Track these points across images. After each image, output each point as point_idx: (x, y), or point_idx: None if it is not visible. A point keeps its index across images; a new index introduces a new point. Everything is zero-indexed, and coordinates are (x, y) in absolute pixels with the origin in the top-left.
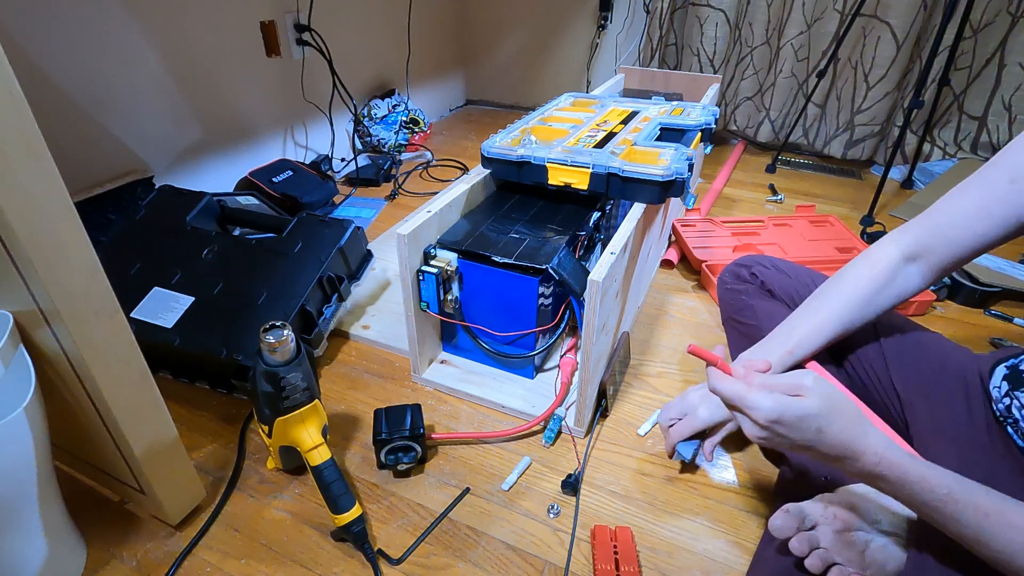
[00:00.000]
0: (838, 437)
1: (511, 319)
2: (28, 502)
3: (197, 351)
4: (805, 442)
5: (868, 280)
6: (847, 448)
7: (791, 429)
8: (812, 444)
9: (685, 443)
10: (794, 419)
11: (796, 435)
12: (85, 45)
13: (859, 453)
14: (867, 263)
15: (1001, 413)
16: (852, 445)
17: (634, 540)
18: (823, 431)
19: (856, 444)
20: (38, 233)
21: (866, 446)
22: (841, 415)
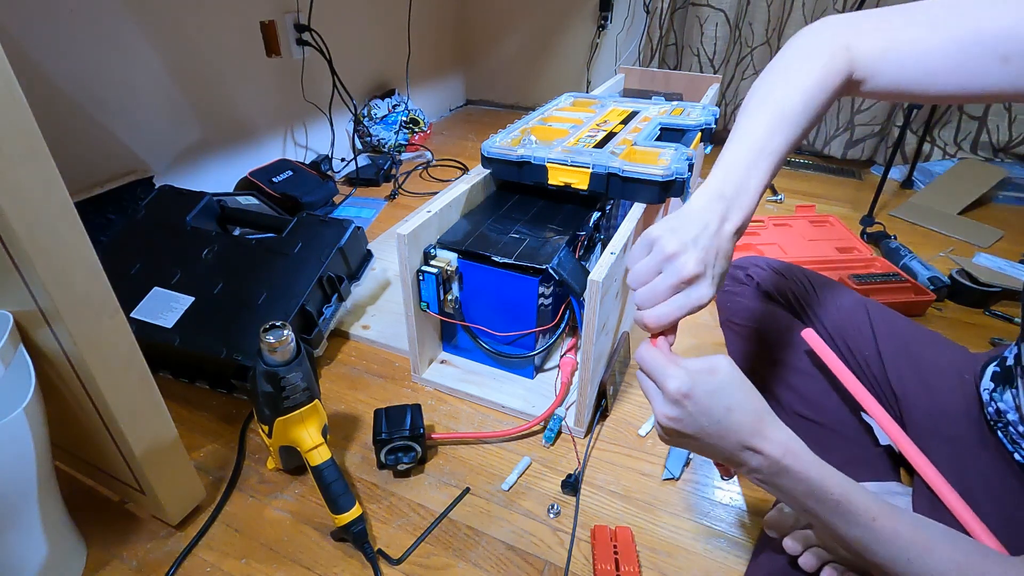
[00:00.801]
0: (746, 419)
1: (511, 319)
2: (28, 502)
3: (197, 351)
4: (712, 423)
5: (814, 90)
6: (754, 433)
7: (700, 406)
8: (719, 425)
9: (674, 459)
10: (704, 394)
11: (704, 414)
12: (85, 45)
13: (765, 440)
14: (817, 69)
15: (991, 416)
16: (760, 429)
17: (634, 540)
18: (732, 410)
19: (764, 429)
20: (38, 233)
21: (773, 434)
22: (751, 399)
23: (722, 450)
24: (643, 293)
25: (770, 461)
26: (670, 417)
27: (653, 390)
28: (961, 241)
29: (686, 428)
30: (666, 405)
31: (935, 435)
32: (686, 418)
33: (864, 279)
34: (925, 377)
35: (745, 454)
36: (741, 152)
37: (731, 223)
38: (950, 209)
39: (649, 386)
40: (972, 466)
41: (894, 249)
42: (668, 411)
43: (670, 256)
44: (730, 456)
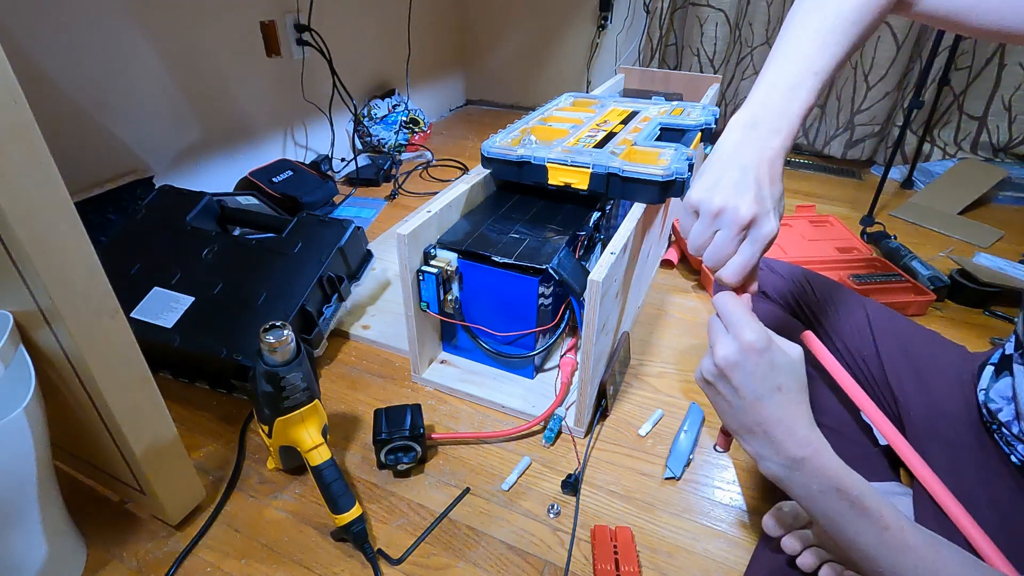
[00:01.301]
0: (788, 408)
1: (511, 319)
2: (28, 502)
3: (197, 351)
4: (756, 391)
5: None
6: (789, 419)
7: (759, 369)
8: (761, 398)
9: (675, 458)
10: (769, 362)
11: (757, 379)
12: (85, 45)
13: (796, 428)
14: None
15: (987, 419)
16: (793, 425)
17: (634, 540)
18: (780, 391)
19: (799, 417)
20: (38, 233)
21: (804, 423)
22: (802, 397)
23: (746, 421)
24: (709, 255)
25: (791, 451)
26: (728, 363)
27: (722, 333)
28: (961, 241)
29: (733, 379)
30: (730, 350)
31: (933, 436)
32: (739, 373)
33: (864, 279)
34: (924, 377)
35: (768, 436)
36: (783, 72)
37: (771, 148)
38: (950, 209)
39: (719, 328)
40: (970, 468)
41: (894, 249)
42: (729, 357)
43: (718, 213)
44: (749, 429)
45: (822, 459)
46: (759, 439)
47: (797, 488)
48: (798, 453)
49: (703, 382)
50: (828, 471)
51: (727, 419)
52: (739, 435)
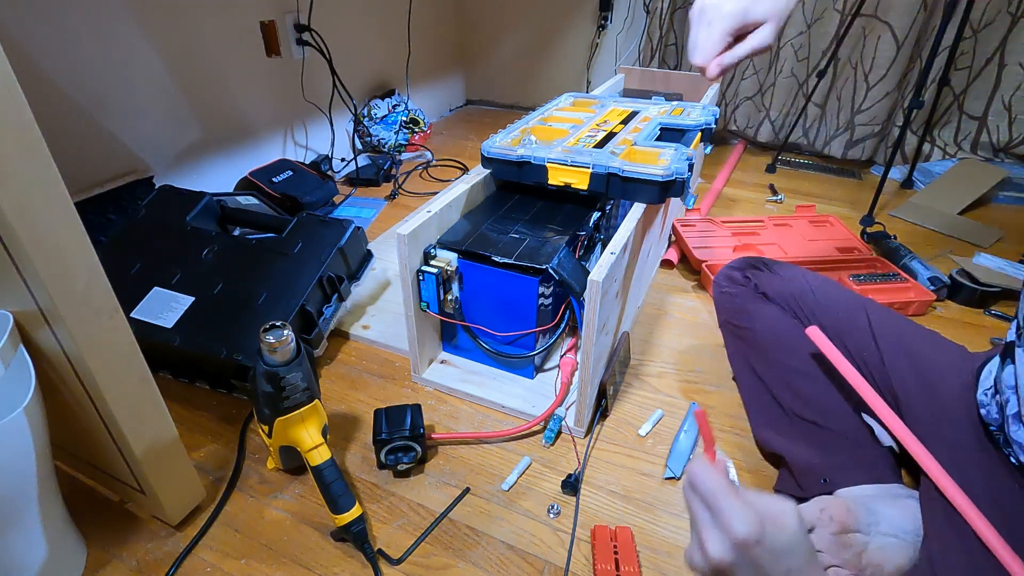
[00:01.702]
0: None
1: (511, 319)
2: (28, 502)
3: (197, 351)
4: None
5: None
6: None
7: (763, 561)
8: None
9: (675, 458)
10: (771, 550)
11: (763, 571)
12: (85, 45)
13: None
14: None
15: (985, 420)
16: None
17: (634, 540)
18: (791, 572)
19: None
20: (38, 233)
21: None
22: (808, 557)
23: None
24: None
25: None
26: (724, 563)
27: (708, 525)
28: (961, 241)
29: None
30: (722, 550)
31: (934, 436)
32: (742, 567)
33: (864, 279)
34: (925, 378)
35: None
36: None
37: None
38: (950, 209)
39: (703, 517)
40: (971, 468)
41: (894, 249)
42: (724, 558)
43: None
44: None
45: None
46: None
47: None
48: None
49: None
50: None
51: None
52: None
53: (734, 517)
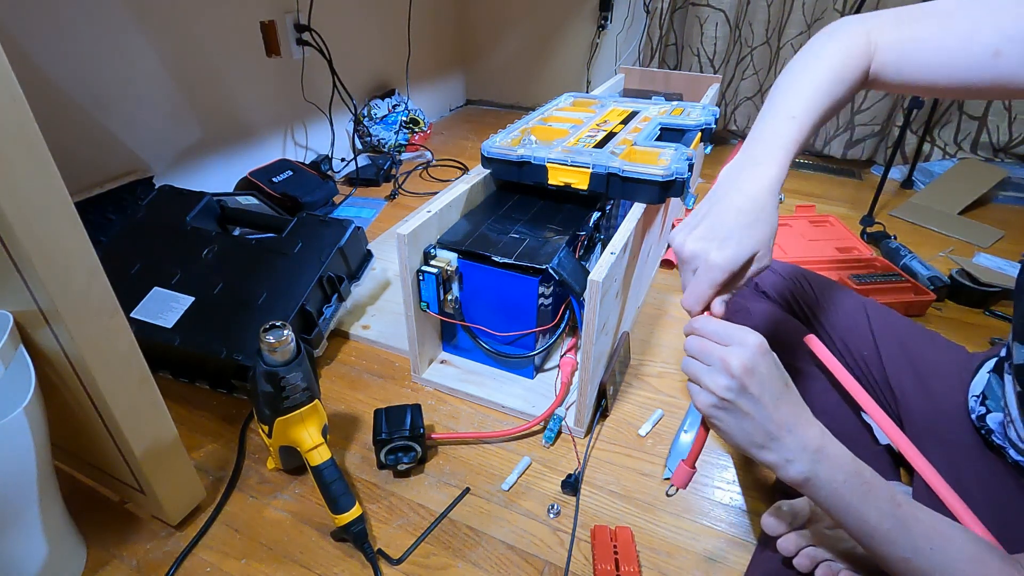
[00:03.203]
0: (796, 396)
1: (511, 319)
2: (28, 502)
3: (197, 351)
4: (771, 397)
5: (842, 68)
6: (801, 409)
7: (771, 370)
8: (778, 399)
9: (675, 459)
10: (774, 360)
11: (772, 381)
12: (85, 45)
13: (809, 418)
14: (842, 50)
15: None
16: (803, 406)
17: (634, 540)
18: (788, 385)
19: (806, 407)
20: (38, 233)
21: (810, 413)
22: (791, 391)
23: (770, 428)
24: (685, 289)
25: (809, 442)
26: (747, 369)
27: (722, 349)
28: (961, 241)
29: (751, 387)
30: (746, 356)
31: (932, 436)
32: (756, 378)
33: (864, 279)
34: (923, 378)
35: (791, 435)
36: (768, 124)
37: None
38: (950, 209)
39: (712, 349)
40: (968, 467)
41: (894, 249)
42: (747, 363)
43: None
44: (772, 436)
45: (836, 445)
46: (782, 442)
47: (823, 484)
48: (818, 441)
49: (718, 407)
50: (844, 457)
51: (750, 436)
52: (761, 448)
53: (747, 332)
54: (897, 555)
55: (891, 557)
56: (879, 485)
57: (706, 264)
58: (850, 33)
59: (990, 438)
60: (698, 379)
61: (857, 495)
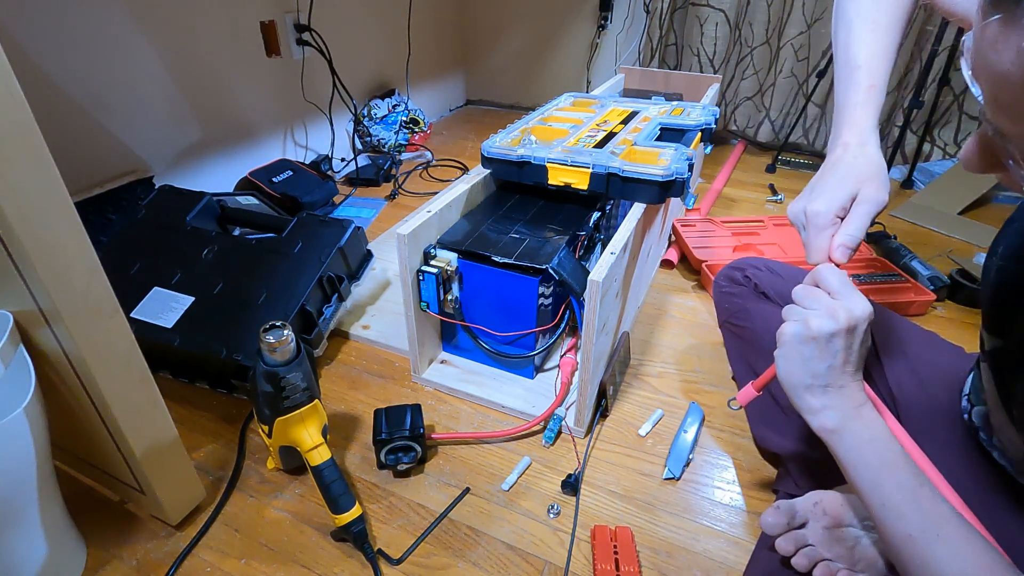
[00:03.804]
0: (860, 379)
1: (511, 319)
2: (28, 502)
3: (197, 351)
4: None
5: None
6: (858, 384)
7: (855, 343)
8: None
9: (675, 459)
10: (868, 337)
11: (853, 351)
12: (85, 45)
13: (860, 390)
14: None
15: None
16: (863, 385)
17: (634, 540)
18: (861, 369)
19: (864, 386)
20: (38, 233)
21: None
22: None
23: (833, 377)
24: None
25: (857, 401)
26: (862, 318)
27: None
28: (961, 241)
29: (856, 334)
30: (868, 307)
31: (929, 436)
32: (860, 331)
33: (864, 279)
34: (921, 378)
35: (838, 391)
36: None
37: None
38: (950, 209)
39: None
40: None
41: (894, 249)
42: (866, 313)
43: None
44: (830, 383)
45: (875, 414)
46: (833, 392)
47: (849, 437)
48: (859, 400)
49: (802, 339)
50: (879, 423)
51: (809, 376)
52: (810, 389)
53: (857, 303)
54: (903, 531)
55: (896, 532)
56: (908, 464)
57: (807, 216)
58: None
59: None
60: (798, 311)
61: (879, 459)
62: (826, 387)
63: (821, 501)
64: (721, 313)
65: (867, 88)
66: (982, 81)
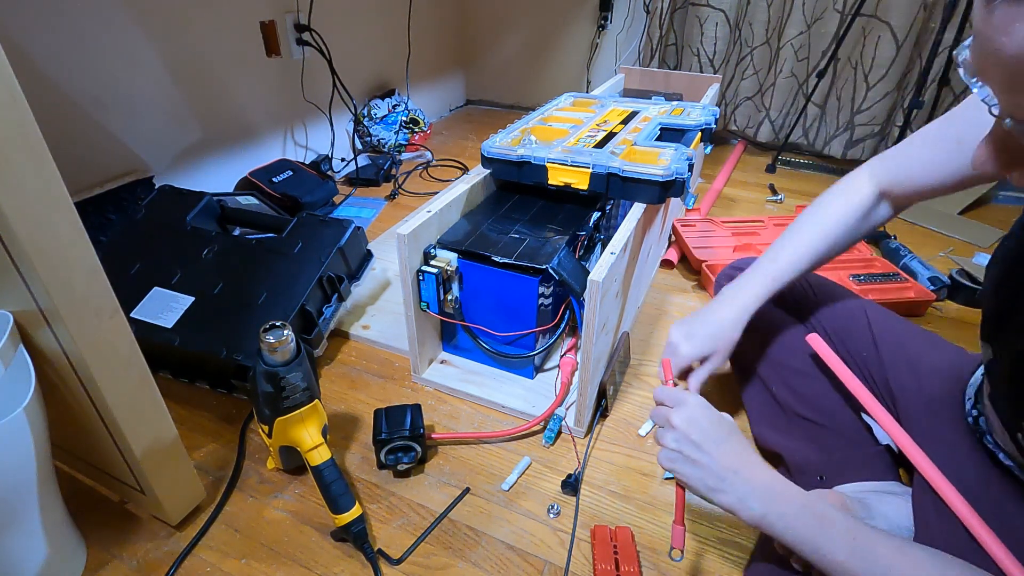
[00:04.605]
0: (743, 443)
1: (511, 319)
2: (28, 502)
3: (197, 351)
4: (718, 441)
5: (845, 213)
6: (749, 454)
7: (711, 420)
8: (721, 445)
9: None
10: (714, 413)
11: (713, 428)
12: (85, 45)
13: (757, 460)
14: (845, 196)
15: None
16: (752, 451)
17: (634, 540)
18: (732, 433)
19: (753, 459)
20: (38, 233)
21: (761, 463)
22: (741, 436)
23: (719, 471)
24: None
25: (765, 481)
26: (686, 421)
27: (669, 410)
28: (961, 241)
29: (693, 435)
30: (685, 411)
31: (931, 436)
32: (697, 427)
33: (864, 279)
34: (922, 379)
35: (739, 476)
36: (758, 262)
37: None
38: (950, 209)
39: (663, 411)
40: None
41: (894, 249)
42: (685, 416)
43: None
44: (723, 478)
45: (784, 483)
46: (735, 483)
47: (778, 520)
48: (768, 480)
49: (671, 459)
50: (793, 492)
51: (703, 480)
52: (717, 492)
53: (688, 395)
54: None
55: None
56: (835, 517)
57: (676, 351)
58: (854, 180)
59: (984, 439)
60: (656, 439)
61: (810, 528)
62: (723, 480)
63: None
64: None
65: (772, 278)
66: (993, 74)
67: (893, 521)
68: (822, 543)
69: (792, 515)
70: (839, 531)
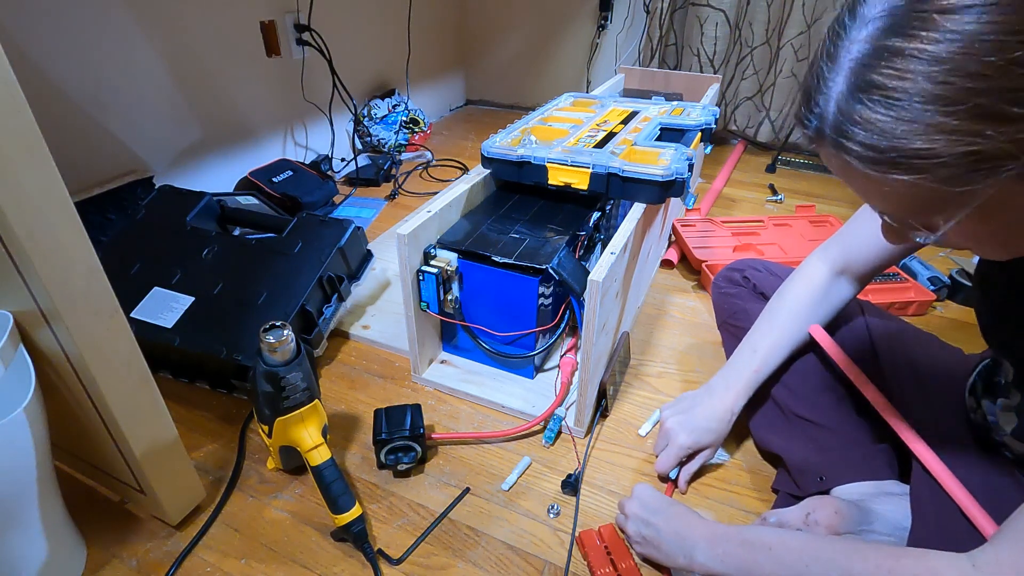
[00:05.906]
0: (682, 508)
1: (511, 319)
2: (28, 502)
3: (197, 351)
4: (665, 516)
5: (807, 297)
6: (689, 515)
7: (650, 504)
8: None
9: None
10: (652, 494)
11: (657, 504)
12: (85, 45)
13: (695, 518)
14: (803, 282)
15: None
16: (689, 512)
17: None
18: (673, 504)
19: (691, 512)
20: (38, 233)
21: (695, 515)
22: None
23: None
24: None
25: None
26: (632, 525)
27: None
28: None
29: (643, 514)
30: (628, 520)
31: (931, 437)
32: (644, 508)
33: None
34: (921, 379)
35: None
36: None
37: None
38: None
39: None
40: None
41: None
42: (631, 523)
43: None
44: (676, 544)
45: (718, 527)
46: (681, 545)
47: (718, 563)
48: (706, 531)
49: (637, 543)
50: (720, 532)
51: (666, 553)
52: (672, 557)
53: (628, 502)
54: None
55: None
56: (749, 537)
57: (675, 442)
58: (809, 266)
59: (989, 436)
60: (621, 529)
61: (740, 557)
62: (673, 546)
63: (814, 511)
64: (720, 314)
65: (754, 371)
66: (873, 204)
67: (892, 522)
68: (752, 565)
69: (725, 553)
70: (760, 548)
